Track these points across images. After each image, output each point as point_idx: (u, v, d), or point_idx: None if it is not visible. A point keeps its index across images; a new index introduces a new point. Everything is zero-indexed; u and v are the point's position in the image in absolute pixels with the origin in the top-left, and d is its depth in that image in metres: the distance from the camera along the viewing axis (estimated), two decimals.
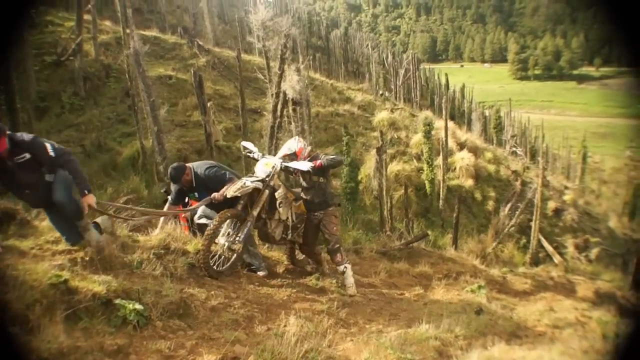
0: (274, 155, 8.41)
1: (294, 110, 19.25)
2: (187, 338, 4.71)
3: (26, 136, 5.36)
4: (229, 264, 7.03)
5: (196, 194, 7.62)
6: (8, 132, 5.14)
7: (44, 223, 6.42)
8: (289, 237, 8.07)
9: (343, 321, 6.47)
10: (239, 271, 7.53)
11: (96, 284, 4.67)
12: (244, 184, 7.15)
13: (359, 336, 5.81)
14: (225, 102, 25.92)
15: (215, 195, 7.18)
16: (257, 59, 32.88)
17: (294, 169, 7.50)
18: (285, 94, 18.01)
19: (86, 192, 5.71)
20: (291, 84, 18.26)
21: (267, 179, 7.34)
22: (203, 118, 19.06)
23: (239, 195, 7.12)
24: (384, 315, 7.26)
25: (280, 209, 7.65)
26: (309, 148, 8.12)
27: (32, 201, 5.84)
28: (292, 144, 7.96)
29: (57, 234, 6.03)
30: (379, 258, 11.14)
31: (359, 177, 21.04)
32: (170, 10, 43.68)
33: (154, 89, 17.12)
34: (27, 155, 5.34)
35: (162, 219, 7.90)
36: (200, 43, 31.98)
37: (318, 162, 7.47)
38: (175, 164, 7.67)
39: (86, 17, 25.24)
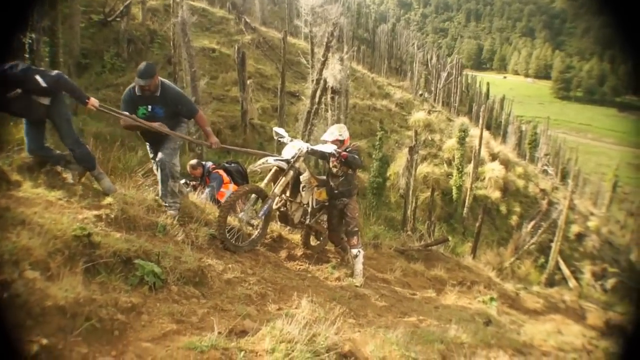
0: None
1: (332, 98, 19.29)
2: (200, 306, 4.75)
3: (18, 69, 5.33)
4: (250, 240, 7.07)
5: (149, 107, 6.70)
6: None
7: None
8: (307, 221, 8.12)
9: (353, 312, 6.48)
10: (258, 249, 7.58)
11: (118, 241, 4.73)
12: (267, 160, 7.19)
13: (367, 328, 5.82)
14: (265, 82, 25.99)
15: (213, 141, 7.10)
16: (302, 43, 32.94)
17: (322, 152, 7.54)
18: (325, 82, 18.04)
19: (87, 100, 5.88)
20: (333, 72, 18.29)
21: (291, 159, 7.38)
22: (241, 95, 19.20)
23: (259, 170, 7.15)
24: (393, 312, 7.25)
25: (303, 193, 7.68)
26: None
27: (26, 116, 5.94)
28: (344, 132, 8.01)
29: (84, 189, 6.10)
30: (397, 256, 11.10)
31: (388, 174, 21.01)
32: None
33: (196, 59, 17.25)
34: (19, 91, 5.43)
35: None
36: (248, 20, 32.10)
37: (344, 152, 7.57)
38: (150, 63, 6.83)
39: None
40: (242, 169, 10.28)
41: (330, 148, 7.47)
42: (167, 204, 6.72)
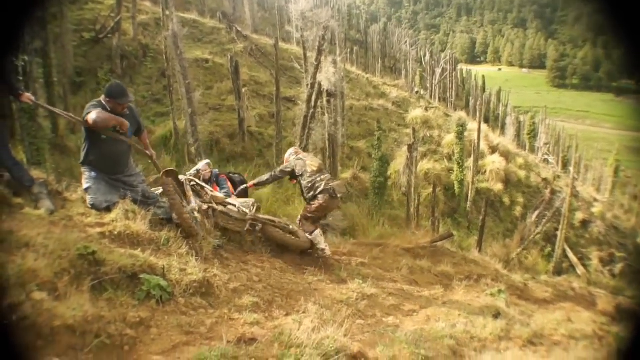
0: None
1: (328, 101, 19.32)
2: (208, 316, 4.78)
3: None
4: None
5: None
6: None
7: (75, 195, 6.52)
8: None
9: (361, 312, 6.50)
10: (263, 256, 7.62)
11: (123, 257, 4.75)
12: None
13: (375, 328, 5.85)
14: (260, 89, 26.02)
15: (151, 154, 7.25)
16: (295, 49, 32.98)
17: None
18: (320, 85, 18.07)
19: (20, 91, 5.82)
20: (327, 75, 18.31)
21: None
22: (237, 103, 19.24)
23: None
24: (402, 310, 7.26)
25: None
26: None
27: None
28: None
29: (87, 208, 6.12)
30: (403, 254, 11.08)
31: (389, 173, 20.99)
32: None
33: (190, 71, 17.31)
34: None
35: None
36: (239, 29, 32.15)
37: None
38: (120, 83, 6.73)
39: None
40: (244, 181, 10.27)
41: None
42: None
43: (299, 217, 9.08)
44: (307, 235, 8.72)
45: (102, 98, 6.24)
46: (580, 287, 13.99)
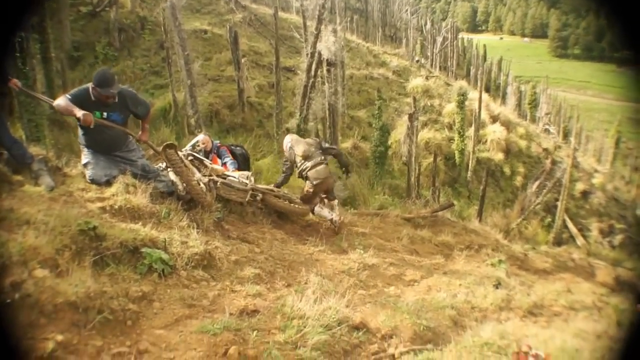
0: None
1: (328, 70, 19.20)
2: (210, 289, 4.80)
3: None
4: None
5: (105, 113, 6.16)
6: None
7: (74, 171, 6.48)
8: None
9: (363, 283, 6.54)
10: (264, 227, 7.64)
11: (124, 231, 4.75)
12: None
13: (377, 298, 5.87)
14: (260, 59, 25.86)
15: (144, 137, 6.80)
16: (294, 18, 32.70)
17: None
18: (320, 54, 17.95)
19: (9, 77, 5.77)
20: (327, 44, 18.18)
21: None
22: (236, 74, 19.11)
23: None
24: (403, 280, 7.30)
25: None
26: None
27: None
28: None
29: (88, 183, 6.10)
30: (403, 224, 11.10)
31: (389, 142, 20.93)
32: None
33: (188, 42, 17.16)
34: None
35: None
36: None
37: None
38: (109, 70, 6.44)
39: None
40: (246, 153, 10.22)
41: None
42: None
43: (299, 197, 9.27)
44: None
45: (90, 84, 6.03)
46: (580, 258, 14.06)
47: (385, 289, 6.58)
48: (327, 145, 9.53)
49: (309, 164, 8.80)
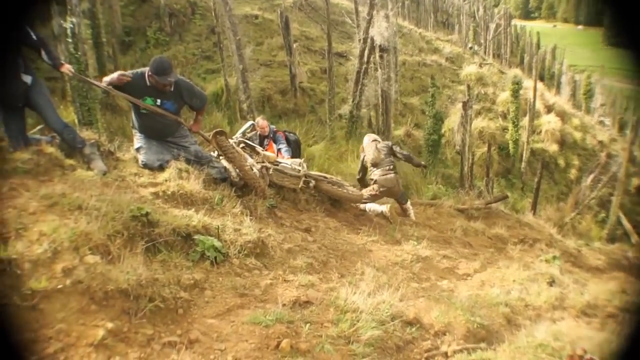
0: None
1: (381, 57, 18.97)
2: (262, 278, 4.72)
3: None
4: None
5: (159, 100, 6.18)
6: None
7: (127, 155, 6.47)
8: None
9: (416, 275, 6.40)
10: (317, 215, 7.54)
11: (177, 218, 4.71)
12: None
13: (430, 293, 5.72)
14: (311, 44, 25.77)
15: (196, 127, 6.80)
16: (346, 3, 32.48)
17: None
18: (372, 40, 17.74)
19: (61, 62, 5.66)
20: (379, 30, 17.97)
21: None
22: (288, 59, 19.05)
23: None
24: (456, 274, 7.16)
25: None
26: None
27: (8, 101, 5.41)
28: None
29: (140, 168, 6.08)
30: (457, 215, 10.92)
31: (442, 130, 20.63)
32: None
33: (240, 27, 17.17)
34: None
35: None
36: None
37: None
38: (167, 59, 6.38)
39: None
40: (298, 140, 10.17)
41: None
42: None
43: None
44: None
45: (147, 69, 6.04)
46: (634, 256, 13.61)
47: (439, 283, 6.44)
48: (398, 149, 9.51)
49: (377, 171, 9.00)
